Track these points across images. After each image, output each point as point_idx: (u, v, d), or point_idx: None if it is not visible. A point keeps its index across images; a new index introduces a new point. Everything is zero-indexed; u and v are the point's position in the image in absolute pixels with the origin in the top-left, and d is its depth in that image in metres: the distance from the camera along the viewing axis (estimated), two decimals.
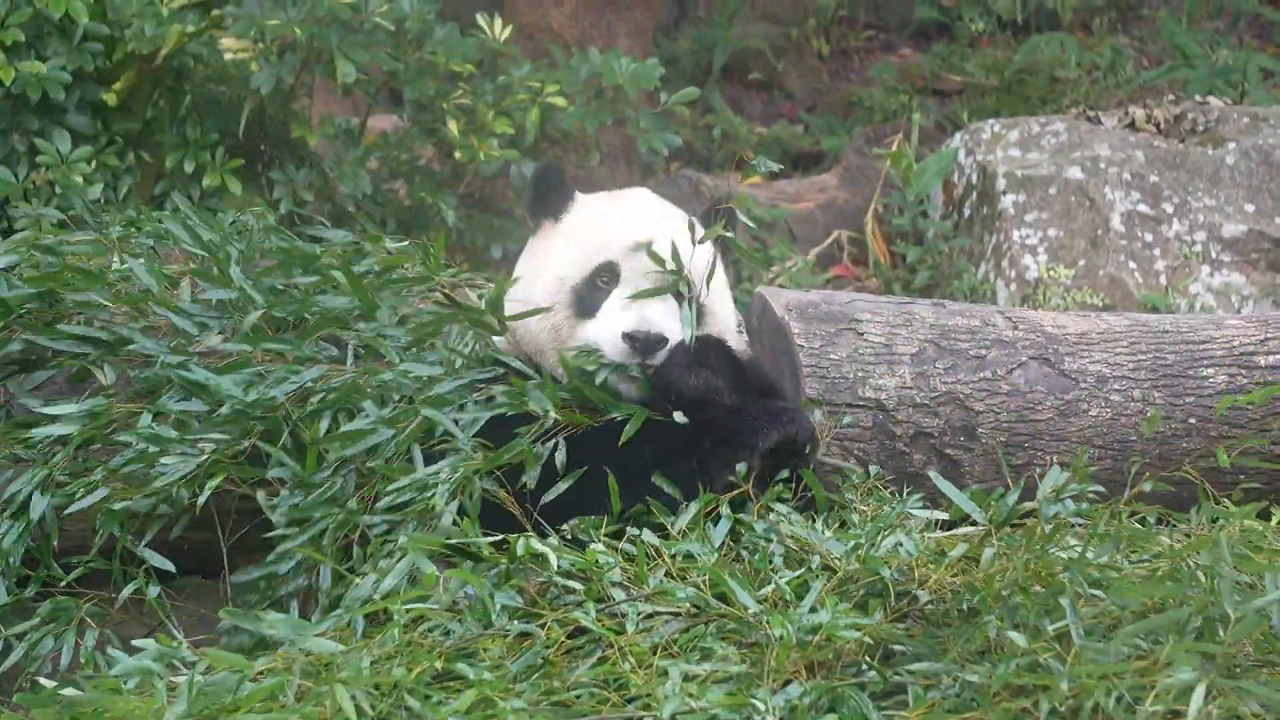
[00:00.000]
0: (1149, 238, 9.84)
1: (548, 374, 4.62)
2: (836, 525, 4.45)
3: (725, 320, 4.79)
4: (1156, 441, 5.25)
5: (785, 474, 4.51)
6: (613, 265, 4.63)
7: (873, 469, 5.03)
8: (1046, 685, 3.55)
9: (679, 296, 4.61)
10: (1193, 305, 9.60)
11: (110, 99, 7.87)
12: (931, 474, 4.69)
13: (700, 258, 4.64)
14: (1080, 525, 4.24)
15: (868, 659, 3.77)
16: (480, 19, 8.98)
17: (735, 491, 4.42)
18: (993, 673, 3.61)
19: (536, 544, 4.07)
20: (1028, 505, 4.31)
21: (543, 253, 4.77)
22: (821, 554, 4.18)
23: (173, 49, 7.87)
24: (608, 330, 4.55)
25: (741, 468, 4.41)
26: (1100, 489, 4.48)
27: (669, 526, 4.30)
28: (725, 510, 4.36)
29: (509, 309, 4.65)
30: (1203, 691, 3.43)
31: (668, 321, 4.53)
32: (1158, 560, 4.07)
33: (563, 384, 4.56)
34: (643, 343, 4.49)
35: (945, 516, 4.42)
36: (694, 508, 4.32)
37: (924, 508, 4.54)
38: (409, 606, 3.94)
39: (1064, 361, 5.32)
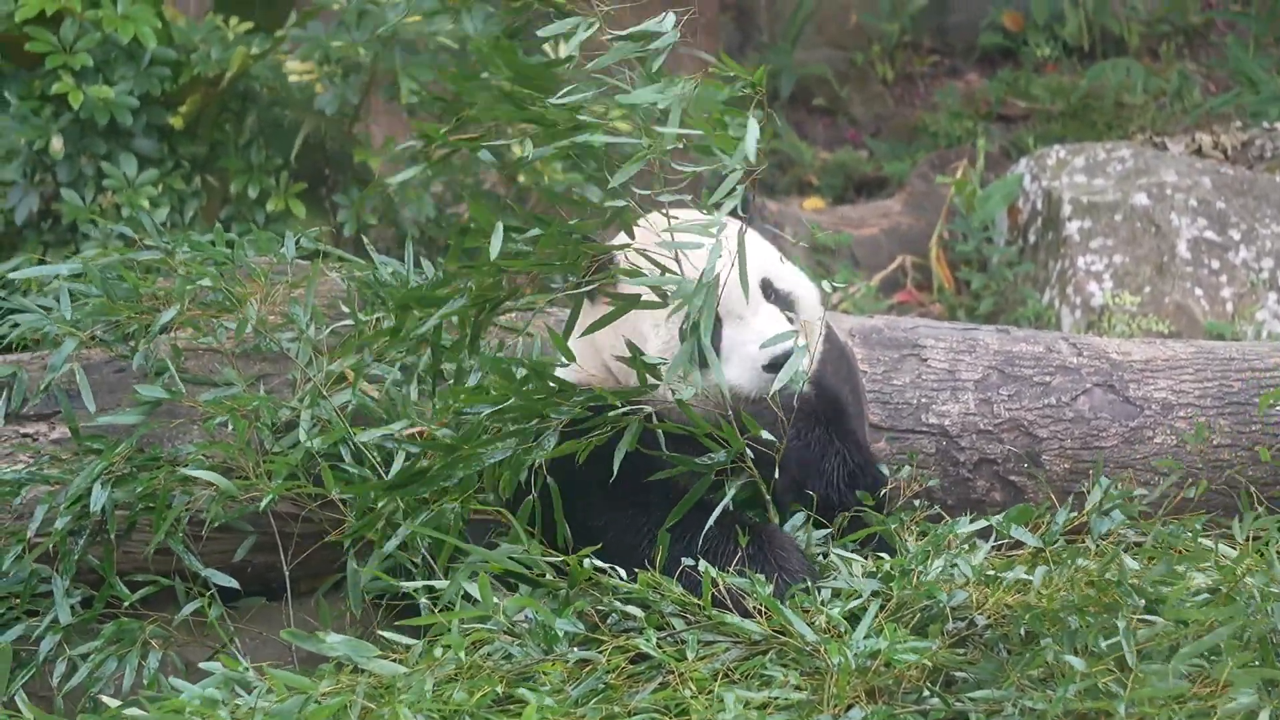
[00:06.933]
0: (1215, 265, 9.78)
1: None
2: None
3: (812, 301, 4.72)
4: (1222, 469, 5.21)
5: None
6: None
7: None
8: (1109, 712, 3.53)
9: (769, 295, 4.59)
10: (1259, 332, 9.54)
11: (177, 123, 7.92)
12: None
13: (765, 255, 4.64)
14: (1132, 538, 4.21)
15: (929, 686, 3.76)
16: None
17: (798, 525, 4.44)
18: (1052, 699, 3.59)
19: (596, 568, 4.07)
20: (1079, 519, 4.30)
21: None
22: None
23: (237, 71, 7.92)
24: (748, 369, 4.49)
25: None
26: (1144, 491, 4.47)
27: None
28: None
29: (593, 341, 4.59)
30: (1267, 717, 3.40)
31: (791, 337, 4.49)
32: (1209, 574, 4.02)
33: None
34: (783, 364, 4.43)
35: (967, 528, 4.42)
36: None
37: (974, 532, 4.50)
38: (469, 627, 3.94)
39: (1129, 388, 5.29)
